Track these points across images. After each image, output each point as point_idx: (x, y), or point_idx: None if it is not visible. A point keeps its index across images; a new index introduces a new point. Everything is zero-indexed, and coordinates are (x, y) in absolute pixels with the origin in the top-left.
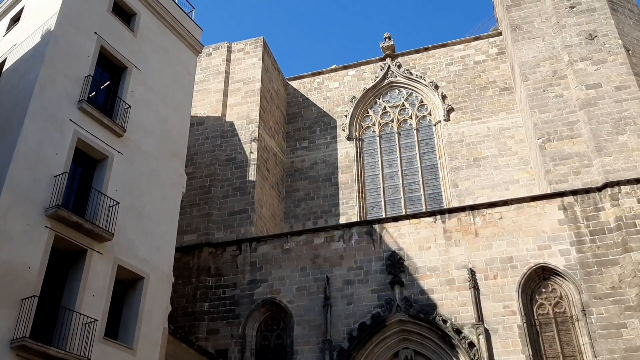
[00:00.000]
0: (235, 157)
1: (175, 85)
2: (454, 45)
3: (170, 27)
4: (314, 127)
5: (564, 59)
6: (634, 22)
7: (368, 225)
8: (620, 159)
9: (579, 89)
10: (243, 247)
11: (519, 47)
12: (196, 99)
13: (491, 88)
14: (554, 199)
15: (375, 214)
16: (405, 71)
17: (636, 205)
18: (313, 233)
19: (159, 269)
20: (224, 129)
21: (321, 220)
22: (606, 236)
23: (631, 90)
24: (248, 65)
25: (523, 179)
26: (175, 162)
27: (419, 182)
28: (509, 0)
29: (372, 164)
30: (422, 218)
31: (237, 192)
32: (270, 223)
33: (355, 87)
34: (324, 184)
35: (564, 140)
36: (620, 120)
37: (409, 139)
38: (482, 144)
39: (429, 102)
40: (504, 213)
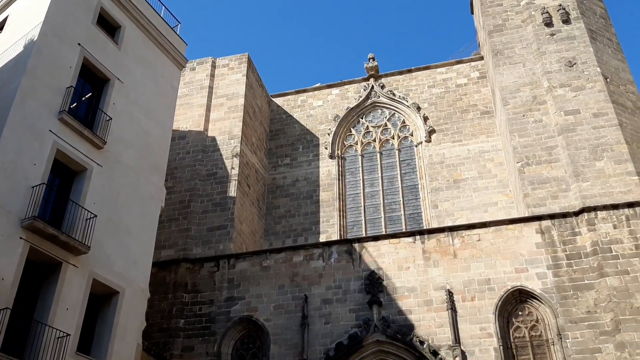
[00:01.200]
0: (216, 173)
1: (158, 99)
2: (436, 68)
3: (155, 40)
4: (297, 145)
5: (544, 84)
6: (612, 51)
7: (348, 244)
8: (597, 185)
9: (557, 114)
10: (221, 264)
11: (500, 71)
12: (179, 113)
13: (472, 111)
14: (532, 223)
15: (356, 232)
16: (389, 92)
17: (612, 230)
18: (292, 251)
19: (135, 283)
20: (206, 143)
21: (301, 238)
22: (582, 261)
23: (609, 117)
24: (232, 81)
25: (502, 201)
26: (155, 176)
27: (400, 202)
28: (491, 26)
29: (353, 182)
30: (402, 238)
31: (217, 207)
32: (249, 240)
33: (338, 106)
34: (305, 201)
35: (542, 165)
36: (597, 147)
37: (390, 159)
38: (462, 166)
39: (411, 123)
40: (482, 235)
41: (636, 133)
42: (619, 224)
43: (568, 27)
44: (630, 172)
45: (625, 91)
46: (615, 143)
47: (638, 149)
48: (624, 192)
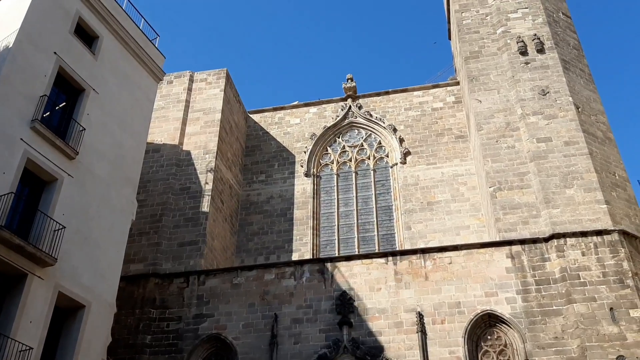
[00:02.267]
0: (190, 187)
1: (133, 111)
2: (413, 91)
3: (132, 52)
4: (272, 162)
5: (517, 111)
6: (584, 82)
7: (320, 264)
8: (567, 212)
9: (530, 141)
10: (191, 280)
11: (475, 97)
12: (154, 126)
13: (447, 135)
14: (503, 247)
15: (329, 252)
16: (366, 112)
17: (580, 257)
18: (264, 269)
19: (102, 297)
20: (180, 157)
21: (273, 256)
22: (551, 286)
23: (579, 146)
24: (209, 96)
25: (474, 225)
26: (127, 189)
27: (374, 222)
28: (468, 52)
29: (328, 201)
30: (375, 259)
31: (189, 222)
32: (221, 256)
33: (315, 124)
34: (279, 219)
35: (514, 190)
36: (568, 175)
37: (365, 179)
38: (436, 188)
39: (387, 144)
40: (454, 258)
41: (605, 162)
42: (587, 252)
43: (542, 56)
44: (599, 200)
45: (596, 121)
46: (585, 172)
47: (607, 178)
48: (593, 220)
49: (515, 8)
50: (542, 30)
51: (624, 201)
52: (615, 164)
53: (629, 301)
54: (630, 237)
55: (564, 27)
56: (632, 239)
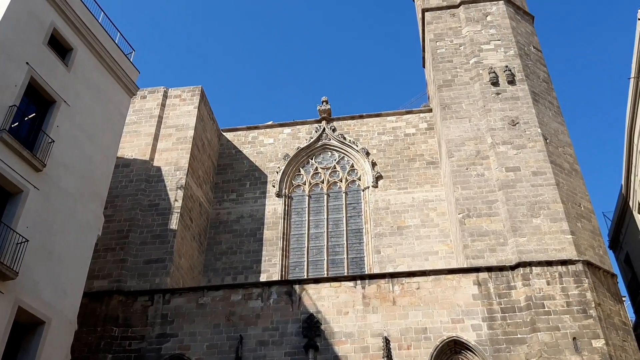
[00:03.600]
0: (159, 204)
1: (105, 125)
2: (387, 116)
3: (107, 66)
4: (244, 181)
5: (488, 140)
6: (553, 114)
7: (288, 285)
8: (534, 241)
9: (499, 170)
10: (156, 298)
11: (446, 125)
12: (125, 140)
13: (418, 160)
14: (470, 274)
15: (297, 273)
16: (339, 135)
17: (545, 286)
18: (231, 289)
19: (63, 314)
20: (150, 173)
21: (241, 276)
22: (516, 314)
23: (547, 176)
24: (183, 112)
25: (442, 251)
26: (94, 203)
27: (344, 245)
28: (441, 81)
29: (299, 222)
30: (343, 282)
31: (156, 240)
32: (187, 275)
33: (289, 145)
34: (248, 239)
35: (482, 218)
36: (535, 204)
37: (337, 202)
38: (407, 213)
39: (359, 167)
40: (422, 283)
41: (571, 194)
42: (552, 281)
43: (513, 87)
44: (565, 230)
45: (563, 153)
46: (552, 202)
47: (573, 209)
48: (558, 249)
49: (488, 40)
50: (513, 62)
51: (588, 232)
52: (581, 196)
53: (592, 331)
54: (594, 268)
55: (534, 60)
56: (595, 269)
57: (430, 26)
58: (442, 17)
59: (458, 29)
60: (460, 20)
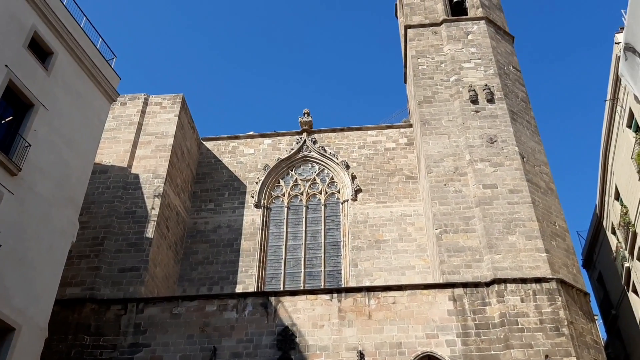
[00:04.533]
0: (135, 212)
1: (83, 130)
2: (368, 130)
3: (87, 71)
4: (223, 190)
5: (466, 157)
6: (531, 133)
7: (264, 297)
8: (509, 258)
9: (476, 187)
10: (129, 307)
11: (426, 140)
12: (103, 147)
13: (398, 175)
14: (446, 290)
15: (274, 285)
16: (320, 148)
17: (519, 304)
18: (206, 300)
19: (34, 321)
20: (128, 180)
21: (217, 287)
22: (490, 331)
23: (523, 194)
24: (163, 120)
25: (419, 266)
26: (69, 209)
27: (321, 257)
28: (422, 97)
29: (277, 234)
30: (319, 295)
31: (132, 248)
32: (162, 284)
33: (269, 156)
34: (225, 249)
35: (459, 234)
36: (511, 221)
37: (316, 214)
38: (385, 227)
39: (339, 180)
40: (397, 298)
41: (547, 212)
42: (526, 298)
43: (492, 106)
44: (540, 248)
45: (539, 172)
46: (528, 220)
47: (548, 227)
48: (533, 267)
49: (468, 58)
50: (493, 81)
51: (563, 251)
52: (556, 214)
53: (564, 349)
54: (567, 286)
55: (513, 79)
56: (569, 288)
57: (412, 43)
58: (424, 34)
59: (440, 47)
60: (442, 38)
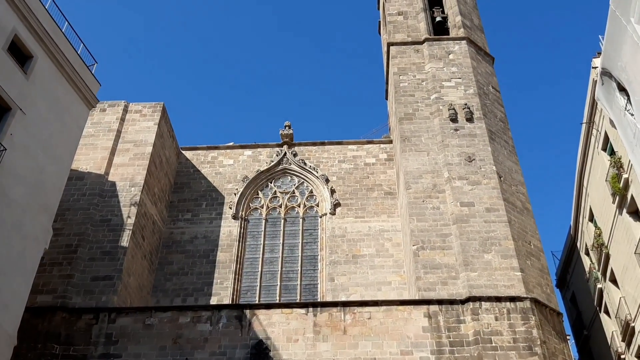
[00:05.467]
0: (111, 220)
1: (60, 136)
2: (348, 145)
3: (67, 76)
4: (201, 201)
5: (444, 175)
6: (508, 153)
7: (239, 310)
8: (484, 276)
9: (454, 204)
10: (101, 317)
11: (405, 157)
12: (80, 153)
13: (377, 190)
14: (421, 306)
15: (249, 298)
16: (300, 160)
17: (494, 322)
18: (179, 311)
19: (2, 328)
20: (104, 188)
21: (191, 298)
22: (464, 349)
23: (499, 213)
24: (143, 128)
25: (395, 281)
26: (43, 216)
27: (298, 271)
28: (402, 114)
29: (254, 246)
30: (295, 309)
31: (106, 256)
32: (135, 294)
33: (249, 167)
34: (201, 260)
35: (436, 251)
36: (487, 240)
37: (294, 227)
38: (362, 242)
39: (318, 193)
40: (373, 313)
41: (522, 232)
42: (501, 317)
43: (471, 125)
44: (515, 267)
45: (516, 191)
46: (504, 238)
47: (523, 246)
48: (507, 286)
49: (449, 77)
50: (472, 100)
51: (537, 270)
52: (532, 234)
53: None
54: (540, 306)
55: (492, 100)
56: (542, 307)
57: (394, 60)
58: (406, 52)
59: (421, 65)
60: (424, 57)
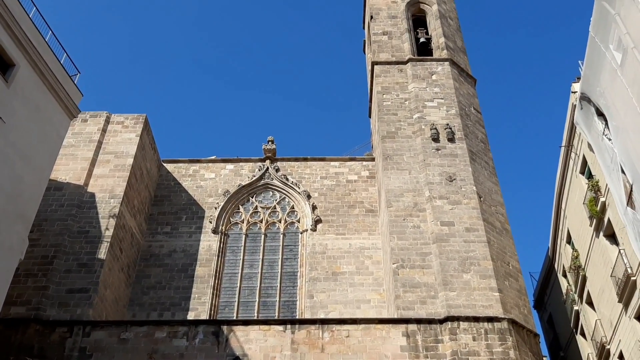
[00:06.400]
0: (89, 231)
1: (40, 145)
2: (331, 161)
3: (49, 86)
4: (181, 214)
5: (425, 194)
6: (488, 173)
7: (216, 326)
8: (463, 296)
9: (434, 223)
10: (75, 330)
11: (387, 175)
12: (60, 163)
13: (358, 207)
14: (400, 325)
15: (227, 314)
16: (282, 176)
17: (471, 342)
18: (156, 326)
19: None
20: (83, 199)
21: (168, 313)
22: None
23: (479, 233)
24: (124, 139)
25: (375, 300)
26: (19, 225)
27: (277, 287)
28: (385, 132)
29: (233, 261)
30: (273, 325)
31: (82, 268)
32: (111, 308)
33: (230, 181)
34: (179, 274)
35: (415, 269)
36: (466, 260)
37: (274, 242)
38: (342, 259)
39: (299, 209)
40: (351, 332)
41: (501, 252)
42: (478, 337)
43: (452, 145)
44: (493, 288)
45: (495, 212)
46: (483, 259)
47: (502, 267)
48: (486, 306)
49: (432, 97)
50: (454, 121)
51: (515, 291)
52: (510, 255)
53: None
54: (518, 327)
55: (474, 121)
56: (519, 328)
57: (378, 79)
58: (390, 71)
59: (404, 84)
60: (407, 76)
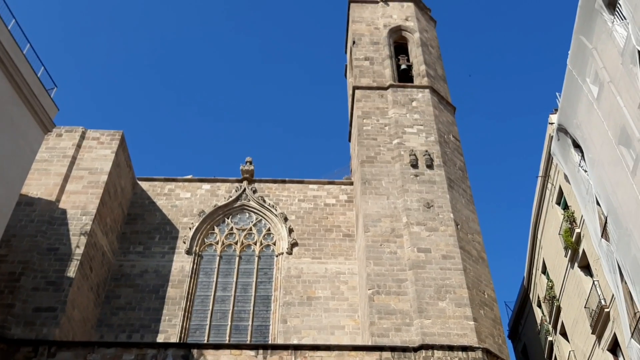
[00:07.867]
0: (59, 248)
1: (12, 159)
2: (309, 184)
3: (24, 99)
4: (154, 234)
5: (403, 219)
6: (466, 201)
7: (186, 349)
8: (438, 324)
9: (411, 249)
10: (40, 350)
11: (365, 200)
12: (32, 178)
13: (335, 231)
14: (374, 352)
15: (198, 337)
16: (260, 197)
17: None
18: (124, 348)
19: None
20: (54, 215)
21: (137, 335)
22: None
23: (455, 261)
24: (99, 156)
25: (349, 326)
26: None
27: (250, 311)
28: (364, 156)
29: (206, 283)
30: (245, 350)
31: (50, 286)
32: (79, 328)
33: (206, 201)
34: (150, 295)
35: (391, 296)
36: (442, 287)
37: (249, 265)
38: (318, 284)
39: (275, 232)
40: (325, 358)
41: (477, 281)
42: None
43: (431, 172)
44: (468, 316)
45: (472, 240)
46: (458, 287)
47: (477, 295)
48: (460, 335)
49: (411, 124)
50: (433, 148)
51: (490, 320)
52: (486, 284)
53: None
54: (492, 356)
55: (452, 148)
56: (494, 358)
57: (359, 103)
58: (371, 96)
59: (385, 110)
60: (388, 102)
